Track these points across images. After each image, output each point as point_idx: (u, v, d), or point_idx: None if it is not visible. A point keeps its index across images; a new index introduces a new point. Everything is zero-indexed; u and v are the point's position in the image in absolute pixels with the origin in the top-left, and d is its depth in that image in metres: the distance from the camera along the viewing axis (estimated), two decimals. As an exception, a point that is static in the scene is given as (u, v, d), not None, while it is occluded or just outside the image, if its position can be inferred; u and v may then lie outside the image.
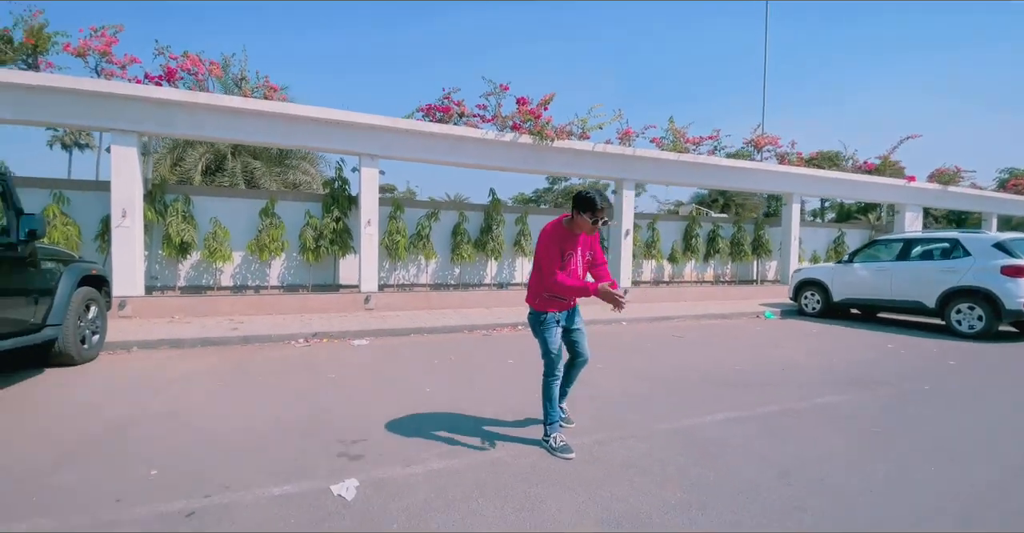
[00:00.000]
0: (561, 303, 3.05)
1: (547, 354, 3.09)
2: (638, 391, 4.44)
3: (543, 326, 3.06)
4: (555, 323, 3.06)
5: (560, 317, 3.09)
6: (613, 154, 10.29)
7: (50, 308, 4.64)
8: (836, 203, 32.33)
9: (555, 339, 3.06)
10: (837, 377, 5.08)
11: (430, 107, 9.07)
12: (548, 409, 3.12)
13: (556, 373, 3.11)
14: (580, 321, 3.25)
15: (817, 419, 3.78)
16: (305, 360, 5.46)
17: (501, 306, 9.35)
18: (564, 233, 2.95)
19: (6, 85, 6.34)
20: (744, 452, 3.11)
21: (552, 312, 3.05)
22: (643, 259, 12.16)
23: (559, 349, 3.09)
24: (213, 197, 8.45)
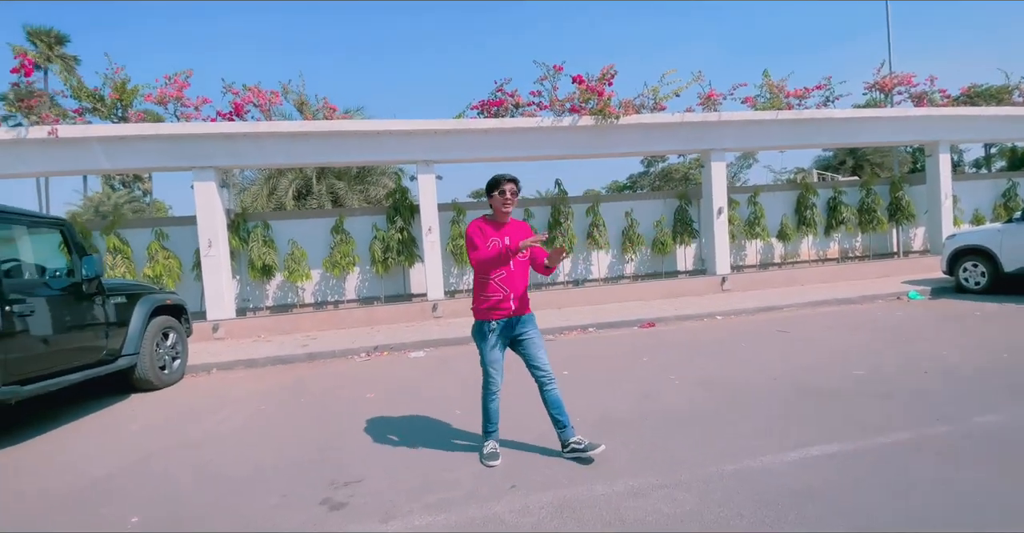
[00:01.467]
0: (500, 310, 2.85)
1: (482, 364, 2.96)
2: (707, 409, 3.56)
3: (480, 335, 2.93)
4: (490, 332, 2.88)
5: (498, 326, 2.88)
6: (693, 123, 9.02)
7: (125, 339, 5.01)
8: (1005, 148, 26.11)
9: (491, 351, 2.90)
10: (1008, 384, 3.68)
11: (483, 103, 8.66)
12: (484, 423, 3.04)
13: (491, 388, 2.96)
14: (533, 331, 2.96)
15: (971, 455, 2.64)
16: (356, 377, 5.34)
17: (573, 306, 8.65)
18: (483, 224, 2.88)
19: (101, 138, 7.15)
20: (846, 516, 2.18)
21: (491, 320, 2.88)
22: (745, 239, 10.58)
23: (495, 362, 2.92)
24: (289, 220, 8.90)
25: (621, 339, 6.33)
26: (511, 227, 2.93)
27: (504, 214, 2.90)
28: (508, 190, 2.85)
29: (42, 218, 4.40)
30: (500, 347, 2.90)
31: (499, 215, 2.91)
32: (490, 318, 2.86)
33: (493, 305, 2.85)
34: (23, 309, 3.86)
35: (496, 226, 2.91)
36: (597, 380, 4.52)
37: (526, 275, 2.95)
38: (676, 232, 10.05)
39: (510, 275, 2.84)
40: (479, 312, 2.91)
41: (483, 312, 2.88)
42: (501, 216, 2.91)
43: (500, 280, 2.84)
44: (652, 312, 7.66)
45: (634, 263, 10.17)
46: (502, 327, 2.88)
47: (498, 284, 2.84)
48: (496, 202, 2.89)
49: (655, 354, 5.36)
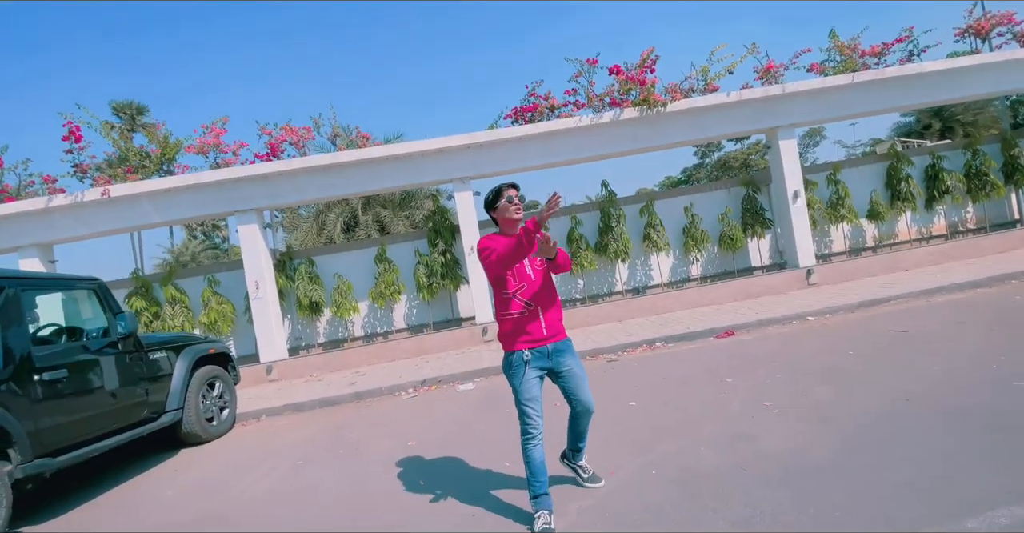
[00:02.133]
0: (529, 334, 2.44)
1: (517, 404, 2.48)
2: (825, 453, 2.72)
3: (510, 370, 2.50)
4: (524, 364, 2.44)
5: (532, 356, 2.45)
6: (754, 100, 8.03)
7: (167, 394, 4.86)
8: None
9: (525, 387, 2.44)
10: None
11: (515, 111, 8.19)
12: (529, 480, 2.48)
13: (531, 432, 2.44)
14: (572, 360, 2.54)
15: None
16: (400, 419, 4.89)
17: (636, 317, 7.83)
18: (497, 239, 2.50)
19: (149, 193, 7.35)
20: None
21: (520, 350, 2.45)
22: (828, 224, 9.29)
23: (532, 400, 2.44)
24: (333, 254, 8.80)
25: (696, 354, 5.49)
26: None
27: (515, 224, 2.51)
28: (514, 197, 2.48)
29: (74, 280, 4.34)
30: (536, 382, 2.47)
31: (509, 228, 2.53)
32: (520, 347, 2.46)
33: (519, 326, 2.46)
34: (55, 376, 3.72)
35: (509, 240, 2.47)
36: (672, 413, 3.76)
37: (552, 287, 2.55)
38: (746, 224, 8.97)
39: (532, 286, 2.46)
40: (506, 338, 2.51)
41: (510, 337, 2.49)
42: (511, 227, 2.53)
43: (521, 294, 2.46)
44: (729, 318, 6.71)
45: (700, 263, 9.18)
46: (536, 357, 2.46)
47: (519, 299, 2.46)
48: (503, 212, 2.50)
49: (740, 373, 4.50)
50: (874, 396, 3.42)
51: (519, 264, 2.41)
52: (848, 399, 3.45)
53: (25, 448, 3.39)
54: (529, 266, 2.46)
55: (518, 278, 2.44)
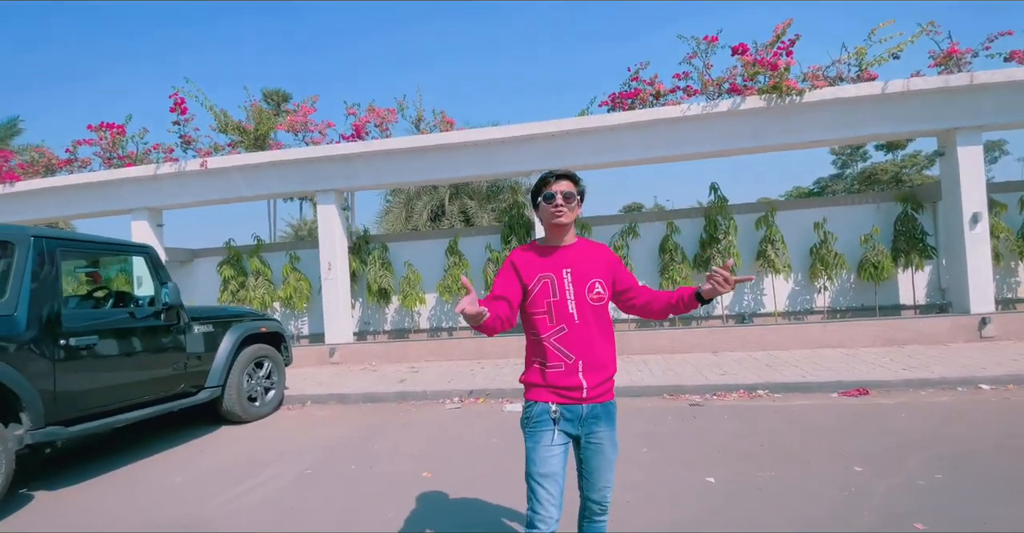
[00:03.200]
0: (563, 390, 1.70)
1: (527, 476, 1.73)
2: None
3: (528, 425, 1.76)
4: (549, 421, 1.71)
5: (560, 414, 1.71)
6: (926, 91, 6.26)
7: (208, 370, 4.73)
8: None
9: (544, 455, 1.70)
10: None
11: (613, 96, 7.20)
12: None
13: (538, 525, 1.66)
14: (606, 433, 1.77)
15: None
16: (432, 436, 4.29)
17: (735, 350, 6.49)
18: (525, 254, 1.79)
19: (240, 167, 7.54)
20: None
21: (543, 402, 1.72)
22: (1018, 259, 7.10)
23: (550, 476, 1.69)
24: (406, 242, 8.52)
25: (812, 415, 4.21)
26: (575, 253, 1.78)
27: (557, 230, 1.77)
28: (559, 192, 1.71)
29: (123, 245, 4.30)
30: (560, 452, 1.71)
31: (553, 234, 1.79)
32: (547, 398, 1.72)
33: (552, 382, 1.72)
34: (82, 342, 3.61)
35: (546, 252, 1.78)
36: (767, 513, 2.68)
37: (607, 328, 1.77)
38: (898, 250, 7.12)
39: (577, 330, 1.70)
40: (530, 388, 1.78)
41: (536, 389, 1.76)
42: (554, 234, 1.79)
43: (557, 340, 1.71)
44: (863, 369, 5.22)
45: (829, 293, 7.48)
46: (566, 418, 1.72)
47: (555, 347, 1.71)
48: (541, 214, 1.79)
49: (877, 460, 3.23)
50: None
51: (547, 287, 1.71)
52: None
53: (37, 414, 3.27)
54: (573, 299, 1.70)
55: (555, 317, 1.70)
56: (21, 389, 3.19)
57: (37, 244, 3.50)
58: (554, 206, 1.70)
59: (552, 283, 1.70)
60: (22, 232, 3.48)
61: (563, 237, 1.78)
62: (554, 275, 1.71)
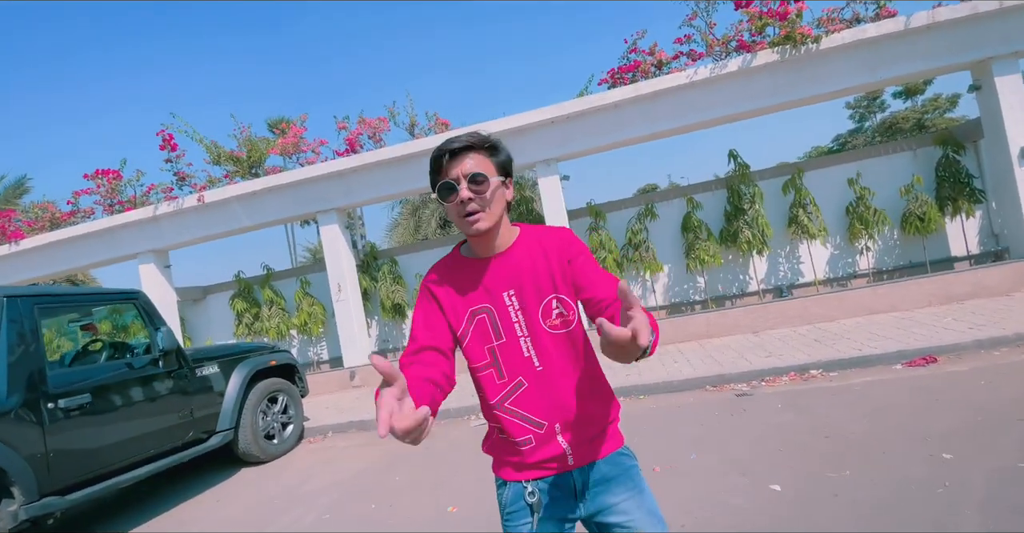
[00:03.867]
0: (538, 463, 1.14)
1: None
2: None
3: (502, 512, 1.20)
4: (526, 511, 1.14)
5: (540, 497, 1.12)
6: (953, 21, 5.66)
7: (218, 414, 4.50)
8: None
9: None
10: None
11: (612, 72, 6.76)
12: None
13: None
14: (629, 501, 1.14)
15: None
16: (458, 461, 3.95)
17: (778, 327, 5.97)
18: (452, 270, 1.17)
19: (238, 197, 7.37)
20: None
21: (514, 481, 1.17)
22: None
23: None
24: (414, 253, 8.22)
25: (876, 393, 3.72)
26: (516, 260, 1.15)
27: (479, 241, 1.16)
28: (461, 176, 1.08)
29: (109, 295, 4.09)
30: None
31: (472, 243, 1.18)
32: (516, 476, 1.18)
33: (521, 460, 1.16)
34: (73, 402, 3.39)
35: (474, 270, 1.17)
36: (849, 518, 2.24)
37: (585, 358, 1.17)
38: (943, 198, 6.47)
39: (537, 383, 1.14)
40: (496, 462, 1.25)
41: (502, 464, 1.22)
42: (477, 244, 1.17)
43: (514, 404, 1.15)
44: (924, 334, 4.68)
45: (873, 253, 6.86)
46: (554, 496, 1.16)
47: (518, 416, 1.15)
48: (449, 214, 1.14)
49: (966, 441, 2.74)
50: None
51: (506, 338, 1.14)
52: None
53: (29, 486, 3.05)
54: (527, 336, 1.13)
55: (505, 369, 1.14)
56: (7, 462, 2.98)
57: (11, 304, 3.29)
58: (458, 203, 1.08)
59: (491, 318, 1.13)
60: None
61: (493, 243, 1.15)
62: (491, 307, 1.13)
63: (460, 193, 1.07)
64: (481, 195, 1.07)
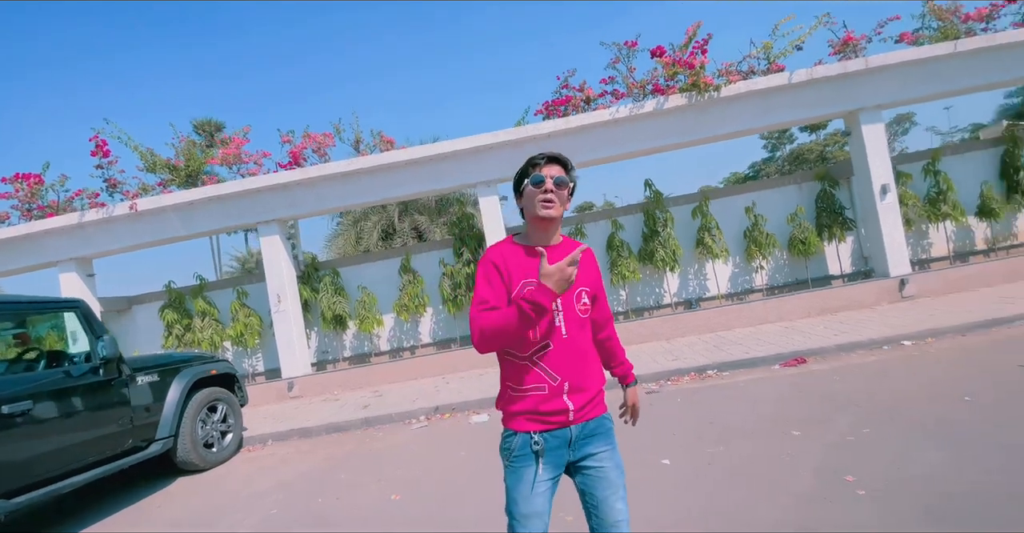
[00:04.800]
0: (547, 415, 1.48)
1: (507, 513, 1.53)
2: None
3: (507, 458, 1.54)
4: (532, 455, 1.49)
5: (544, 442, 1.49)
6: (828, 78, 6.81)
7: (158, 422, 4.55)
8: None
9: (526, 492, 1.48)
10: None
11: (546, 104, 7.44)
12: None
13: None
14: (607, 452, 1.56)
15: None
16: (399, 458, 4.28)
17: (686, 335, 6.79)
18: (506, 253, 1.53)
19: (175, 206, 7.30)
20: None
21: (527, 431, 1.50)
22: (927, 223, 7.78)
23: (532, 515, 1.47)
24: (357, 265, 8.42)
25: (756, 388, 4.48)
26: (562, 255, 1.49)
27: (544, 225, 1.53)
28: (549, 176, 1.49)
29: (49, 303, 4.10)
30: (547, 487, 1.50)
31: (535, 228, 1.55)
32: (526, 426, 1.50)
33: (533, 407, 1.49)
34: (15, 409, 3.42)
35: (529, 253, 1.52)
36: (715, 484, 2.86)
37: (591, 346, 1.60)
38: (822, 225, 7.66)
39: (560, 347, 1.49)
40: (508, 414, 1.56)
41: (514, 417, 1.54)
42: (539, 229, 1.54)
43: (543, 360, 1.49)
44: (799, 339, 5.59)
45: (765, 271, 7.95)
46: (552, 448, 1.50)
47: (541, 368, 1.49)
48: (527, 201, 1.53)
49: (813, 422, 3.50)
50: (1013, 474, 2.37)
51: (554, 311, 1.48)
52: (972, 477, 2.41)
53: (-30, 491, 3.09)
54: (560, 311, 1.49)
55: (539, 332, 1.47)
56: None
57: (-50, 312, 3.31)
58: (543, 191, 1.46)
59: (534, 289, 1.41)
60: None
61: (550, 235, 1.53)
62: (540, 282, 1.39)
63: (546, 184, 1.47)
64: (559, 192, 1.49)
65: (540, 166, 1.50)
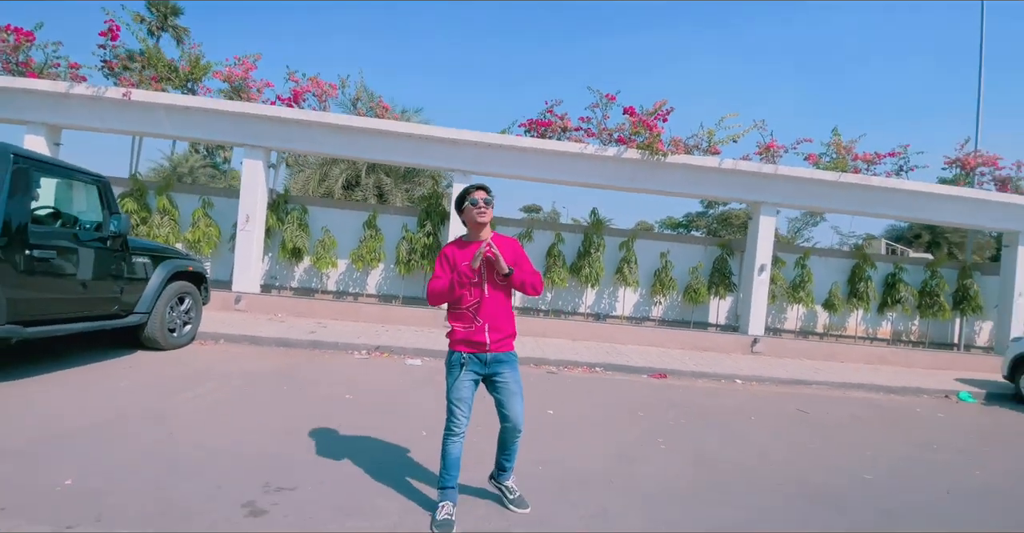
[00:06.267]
0: (472, 343, 2.50)
1: (447, 398, 2.56)
2: (682, 485, 3.23)
3: (448, 366, 2.59)
4: (460, 366, 2.52)
5: (469, 360, 2.51)
6: (746, 172, 8.62)
7: (139, 298, 5.17)
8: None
9: (457, 386, 2.52)
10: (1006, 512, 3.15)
11: (531, 122, 8.64)
12: (441, 472, 2.56)
13: (452, 429, 2.52)
14: (511, 375, 2.55)
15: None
16: (345, 374, 5.29)
17: (589, 340, 8.33)
18: (455, 248, 2.55)
19: (168, 106, 7.59)
20: None
21: (458, 351, 2.53)
22: (787, 302, 9.95)
23: (461, 400, 2.51)
24: (326, 208, 9.12)
25: (626, 386, 6.00)
26: (496, 242, 2.45)
27: (480, 227, 2.50)
28: (480, 198, 2.46)
29: (82, 173, 4.63)
30: (470, 385, 2.51)
31: (474, 230, 2.53)
32: (460, 349, 2.51)
33: (464, 337, 2.50)
34: (44, 254, 4.04)
35: (469, 246, 2.50)
36: (581, 428, 4.25)
37: (507, 304, 2.56)
38: (712, 282, 9.58)
39: (486, 303, 2.47)
40: (451, 341, 2.57)
41: (454, 342, 2.55)
42: (476, 232, 2.52)
43: (472, 308, 2.48)
44: (668, 362, 7.26)
45: (662, 307, 9.75)
46: (473, 362, 2.50)
47: (471, 313, 2.49)
48: (468, 214, 2.51)
49: (654, 411, 5.02)
50: (749, 457, 3.94)
51: (477, 279, 2.45)
52: (728, 453, 3.96)
53: (1, 312, 3.71)
54: (486, 283, 2.46)
55: (474, 294, 2.44)
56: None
57: (17, 161, 3.86)
58: (478, 208, 2.43)
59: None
60: (3, 148, 3.82)
61: (482, 233, 2.49)
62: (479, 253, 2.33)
63: (479, 204, 2.45)
64: (487, 207, 2.47)
65: (473, 192, 2.50)
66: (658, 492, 3.10)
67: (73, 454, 2.88)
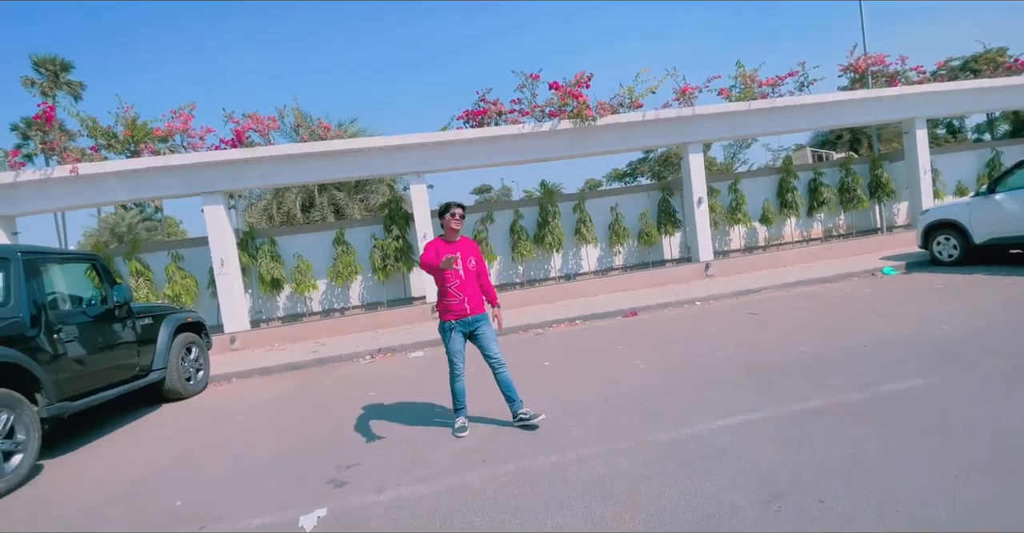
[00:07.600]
0: (456, 311, 3.57)
1: (447, 354, 3.66)
2: (661, 390, 4.07)
3: (442, 332, 3.67)
4: (451, 330, 3.61)
5: (455, 324, 3.60)
6: (668, 118, 9.44)
7: (153, 356, 5.63)
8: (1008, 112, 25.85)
9: (452, 343, 3.62)
10: (936, 352, 4.14)
11: (467, 113, 9.17)
12: (453, 402, 3.75)
13: (455, 372, 3.68)
14: (486, 327, 3.67)
15: (865, 416, 3.13)
16: (360, 378, 5.92)
17: (565, 299, 9.16)
18: (438, 243, 3.60)
19: (117, 173, 7.79)
20: (740, 467, 2.70)
21: (448, 320, 3.61)
22: (728, 226, 10.99)
23: (456, 352, 3.63)
24: (293, 236, 9.51)
25: (604, 329, 6.84)
26: (461, 244, 3.67)
27: (454, 232, 3.64)
28: (457, 213, 3.62)
29: (77, 255, 5.02)
30: (460, 339, 3.64)
31: (450, 234, 3.64)
32: (449, 318, 3.60)
33: (450, 307, 3.59)
34: (68, 335, 4.48)
35: (448, 243, 3.63)
36: (573, 369, 5.05)
37: (476, 283, 3.71)
38: (660, 223, 10.50)
39: (463, 284, 3.59)
40: (441, 313, 3.66)
41: (444, 313, 3.64)
42: (452, 234, 3.64)
43: (456, 288, 3.57)
44: (636, 302, 8.15)
45: (622, 255, 10.64)
46: (459, 324, 3.60)
47: (455, 291, 3.58)
48: (447, 223, 3.62)
49: (630, 342, 5.87)
50: (710, 357, 4.83)
51: (457, 267, 3.54)
52: (693, 359, 4.84)
53: (51, 393, 4.17)
54: (462, 269, 3.59)
55: (454, 276, 3.54)
56: (38, 373, 4.08)
57: (25, 258, 4.27)
58: (455, 219, 3.60)
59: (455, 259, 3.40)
60: (11, 250, 4.22)
61: (456, 236, 3.65)
62: (451, 254, 3.41)
63: (456, 216, 3.62)
64: (461, 220, 3.65)
65: (453, 208, 3.59)
66: (642, 397, 3.93)
67: (165, 487, 3.47)
